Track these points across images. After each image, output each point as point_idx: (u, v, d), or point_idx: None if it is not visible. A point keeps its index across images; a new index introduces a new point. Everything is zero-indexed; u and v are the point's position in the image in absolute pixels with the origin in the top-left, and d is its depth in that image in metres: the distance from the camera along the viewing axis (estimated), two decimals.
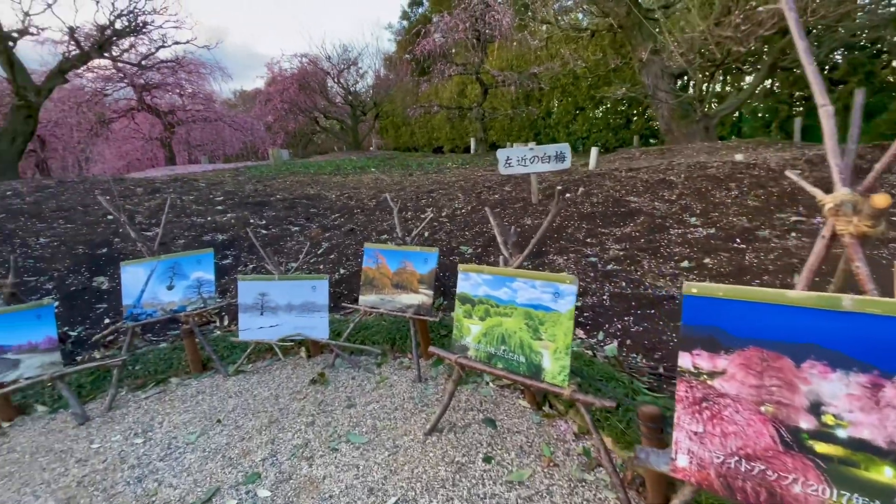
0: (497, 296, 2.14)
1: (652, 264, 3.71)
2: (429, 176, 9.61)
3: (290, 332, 3.40)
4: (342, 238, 5.85)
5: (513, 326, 2.07)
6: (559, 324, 1.91)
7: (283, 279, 3.41)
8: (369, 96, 26.89)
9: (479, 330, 2.21)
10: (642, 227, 4.38)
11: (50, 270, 4.97)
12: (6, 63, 10.54)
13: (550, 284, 1.95)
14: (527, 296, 2.03)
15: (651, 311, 3.11)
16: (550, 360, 1.93)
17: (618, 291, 3.40)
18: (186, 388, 3.37)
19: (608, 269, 3.78)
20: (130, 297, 3.51)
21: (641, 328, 2.96)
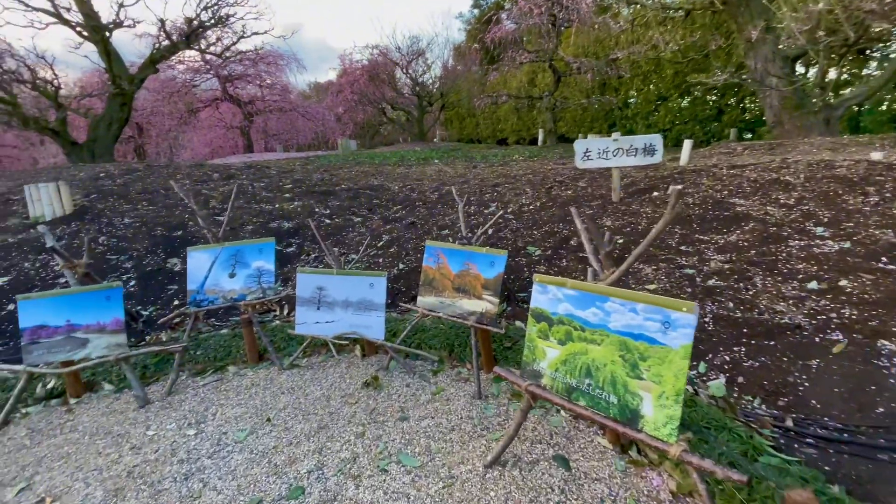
0: (583, 317, 1.77)
1: (768, 282, 3.10)
2: (494, 168, 9.22)
3: (345, 329, 3.24)
4: (403, 231, 5.68)
5: (602, 357, 1.70)
6: (668, 362, 1.51)
7: (340, 274, 3.25)
8: (436, 87, 26.81)
9: (556, 355, 1.85)
10: (752, 235, 3.72)
11: (130, 250, 5.26)
12: (103, 53, 11.66)
13: (658, 310, 1.55)
14: (624, 321, 1.64)
15: (770, 342, 2.55)
16: (653, 407, 1.54)
17: (724, 314, 2.86)
18: (242, 379, 3.34)
19: (709, 284, 3.22)
20: (194, 283, 3.54)
21: (757, 363, 2.43)
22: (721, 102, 15.79)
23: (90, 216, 6.04)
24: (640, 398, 1.58)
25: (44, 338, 3.08)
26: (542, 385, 1.91)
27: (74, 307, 3.11)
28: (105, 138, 12.24)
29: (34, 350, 3.06)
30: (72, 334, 3.10)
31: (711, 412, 2.07)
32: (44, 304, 3.09)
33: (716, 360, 2.52)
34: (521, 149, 14.79)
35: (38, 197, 5.81)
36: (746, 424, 2.02)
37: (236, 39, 17.24)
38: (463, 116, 32.56)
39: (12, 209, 6.55)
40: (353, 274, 3.24)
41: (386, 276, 3.18)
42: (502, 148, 17.50)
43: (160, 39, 13.05)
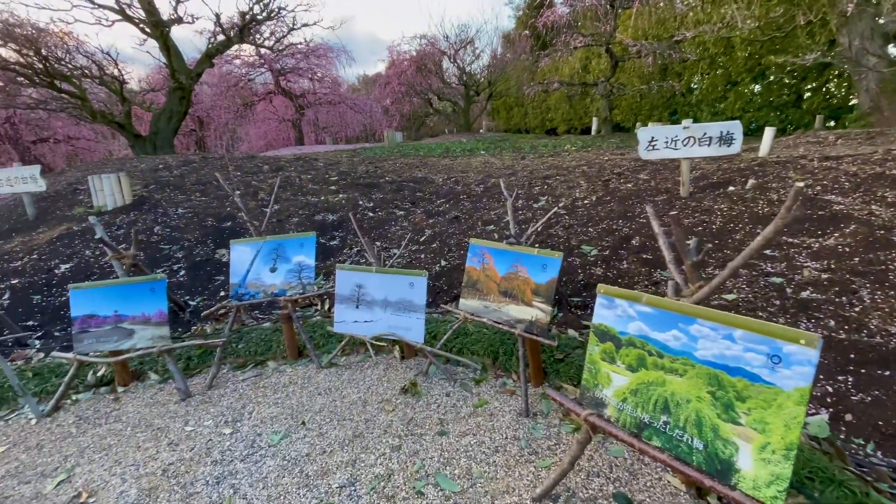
0: (661, 340, 1.48)
1: (878, 297, 2.60)
2: (544, 160, 8.79)
3: (384, 330, 3.08)
4: (446, 226, 5.47)
5: (686, 391, 1.40)
6: (777, 407, 1.20)
7: (380, 272, 3.09)
8: (483, 76, 26.32)
9: (625, 383, 1.57)
10: (855, 239, 3.17)
11: (182, 240, 5.41)
12: (164, 49, 12.28)
13: (765, 340, 1.24)
14: (716, 350, 1.34)
15: (885, 372, 2.11)
16: (753, 461, 1.23)
17: (823, 334, 2.42)
18: (280, 376, 3.28)
19: (803, 297, 2.76)
20: (237, 276, 3.52)
21: (869, 398, 2.01)
22: (801, 87, 14.30)
23: (147, 206, 6.30)
24: (734, 447, 1.28)
25: (93, 327, 3.16)
26: (605, 416, 1.63)
27: (122, 298, 3.16)
28: (166, 131, 12.97)
29: (84, 339, 3.14)
30: (119, 325, 3.16)
31: (814, 458, 1.71)
32: (94, 294, 3.16)
33: (815, 390, 2.11)
34: (572, 138, 14.13)
35: (101, 187, 6.13)
36: (860, 476, 1.64)
37: (286, 31, 17.67)
38: (510, 106, 31.82)
39: (78, 198, 6.99)
40: (393, 272, 3.06)
41: (426, 275, 2.98)
42: (552, 138, 16.84)
43: (215, 34, 13.61)
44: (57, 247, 5.32)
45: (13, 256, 5.17)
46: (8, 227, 6.39)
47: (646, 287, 3.25)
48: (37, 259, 5.08)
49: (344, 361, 3.40)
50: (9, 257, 5.15)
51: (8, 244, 5.64)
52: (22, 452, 2.64)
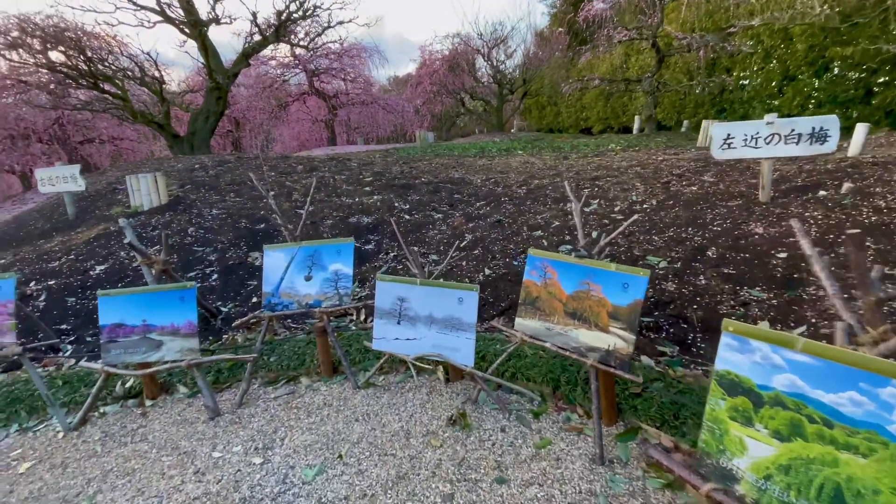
0: (830, 403, 1.09)
1: None
2: (589, 159, 8.31)
3: (428, 350, 2.77)
4: (488, 230, 5.13)
5: (872, 478, 1.01)
6: None
7: (425, 285, 2.78)
8: (517, 74, 25.81)
9: (769, 454, 1.19)
10: None
11: (215, 242, 5.29)
12: (202, 49, 12.49)
13: None
14: None
15: None
16: None
17: None
18: (314, 395, 3.03)
19: None
20: (270, 285, 3.30)
21: None
22: (870, 81, 13.16)
23: (182, 206, 6.25)
24: None
25: (121, 336, 2.99)
26: (736, 494, 1.25)
27: (150, 306, 2.98)
28: (203, 131, 13.21)
29: (112, 349, 2.98)
30: (147, 335, 2.98)
31: None
32: (122, 302, 3.00)
33: None
34: (614, 137, 13.51)
35: (138, 187, 6.12)
36: None
37: (322, 30, 17.75)
38: (543, 105, 31.15)
39: (117, 198, 7.05)
40: (440, 286, 2.75)
41: (477, 290, 2.65)
42: (592, 137, 16.21)
43: (252, 33, 13.78)
44: (94, 247, 5.30)
45: (52, 256, 5.18)
46: (49, 226, 6.49)
47: (733, 308, 2.82)
48: (73, 259, 5.06)
49: (382, 381, 3.12)
50: (47, 257, 5.16)
51: (48, 243, 5.68)
52: (46, 471, 2.48)
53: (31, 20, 11.89)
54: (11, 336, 2.90)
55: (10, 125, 14.33)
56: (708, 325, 2.88)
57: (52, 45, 11.90)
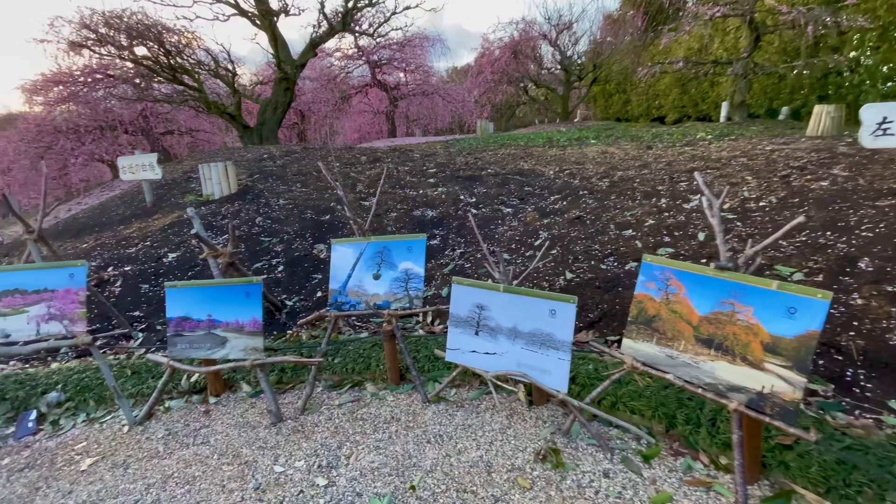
0: None
1: None
2: (678, 150, 7.49)
3: (511, 368, 2.41)
4: (566, 227, 4.66)
5: None
6: None
7: (509, 292, 2.41)
8: (585, 59, 24.50)
9: None
10: None
11: (282, 233, 5.24)
12: (272, 39, 12.84)
13: None
14: None
15: None
16: None
17: None
18: (381, 405, 2.78)
19: None
20: (337, 282, 3.08)
21: None
22: None
23: (251, 196, 6.30)
24: None
25: (187, 331, 2.90)
26: None
27: (216, 301, 2.86)
28: (271, 122, 13.65)
29: (178, 343, 2.90)
30: (212, 330, 2.87)
31: None
32: (188, 295, 2.90)
33: None
34: (698, 125, 12.28)
35: (210, 176, 6.24)
36: None
37: (387, 17, 17.73)
38: (610, 93, 29.48)
39: (191, 186, 7.29)
40: (528, 294, 2.37)
41: (575, 302, 2.24)
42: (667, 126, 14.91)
43: (319, 23, 13.99)
44: (168, 234, 5.43)
45: (129, 242, 5.38)
46: (129, 212, 6.83)
47: None
48: (149, 246, 5.21)
49: (454, 396, 2.81)
50: (125, 243, 5.36)
51: (127, 229, 5.94)
52: (107, 471, 2.40)
53: (118, 16, 12.83)
54: (82, 325, 2.88)
55: (100, 117, 15.63)
56: (873, 358, 2.27)
57: (137, 41, 12.75)
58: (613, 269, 3.68)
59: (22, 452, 2.65)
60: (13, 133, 16.33)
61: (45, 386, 3.19)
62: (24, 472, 2.46)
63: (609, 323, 3.09)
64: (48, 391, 3.15)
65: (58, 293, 2.93)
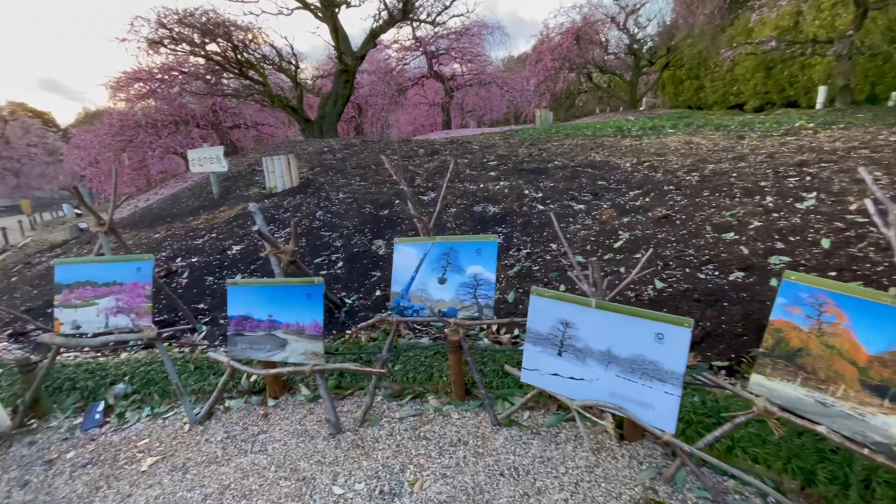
0: None
1: None
2: (778, 140, 6.64)
3: (601, 397, 2.08)
4: (651, 227, 4.18)
5: None
6: None
7: (604, 308, 2.07)
8: (658, 42, 22.92)
9: None
10: None
11: (341, 227, 5.16)
12: (333, 31, 12.99)
13: None
14: None
15: None
16: None
17: None
18: (445, 423, 2.54)
19: None
20: (399, 284, 2.88)
21: None
22: None
23: (312, 189, 6.31)
24: None
25: (247, 330, 2.82)
26: None
27: (276, 301, 2.74)
28: (331, 115, 13.90)
29: (238, 342, 2.83)
30: (272, 331, 2.76)
31: None
32: (249, 293, 2.81)
33: None
34: (792, 112, 10.98)
35: (273, 169, 6.31)
36: None
37: (449, 3, 17.46)
38: (680, 79, 27.51)
39: (255, 179, 7.47)
40: (629, 312, 2.01)
41: (692, 326, 1.86)
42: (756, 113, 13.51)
43: (380, 12, 14.03)
44: (232, 227, 5.53)
45: (197, 233, 5.53)
46: (197, 203, 7.09)
47: None
48: (215, 238, 5.32)
49: (528, 420, 2.51)
50: (193, 234, 5.52)
51: (195, 220, 6.13)
52: (167, 473, 2.35)
53: (191, 14, 13.57)
54: (148, 319, 2.88)
55: (175, 112, 16.73)
56: None
57: (210, 38, 13.41)
58: (714, 278, 3.20)
59: (87, 446, 2.68)
60: (99, 127, 17.86)
61: (114, 377, 3.26)
62: (87, 468, 2.47)
63: (714, 345, 2.65)
64: (116, 382, 3.21)
65: (125, 286, 2.95)
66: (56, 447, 2.71)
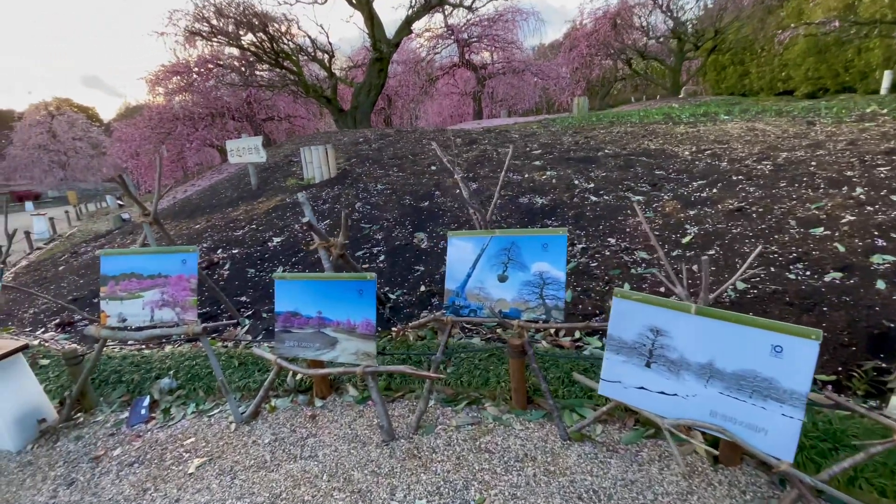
0: None
1: None
2: (856, 126, 6.06)
3: (699, 416, 1.82)
4: (723, 221, 3.83)
5: None
6: None
7: (706, 315, 1.81)
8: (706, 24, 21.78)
9: None
10: None
11: (381, 219, 5.00)
12: (367, 18, 12.85)
13: None
14: None
15: None
16: None
17: None
18: (507, 435, 2.34)
19: None
20: (454, 281, 2.68)
21: None
22: None
23: (349, 180, 6.18)
24: None
25: (295, 327, 2.68)
26: None
27: (326, 297, 2.59)
28: (365, 105, 13.82)
29: (286, 339, 2.70)
30: (322, 329, 2.61)
31: None
32: (298, 288, 2.67)
33: None
34: (858, 99, 10.13)
35: (311, 159, 6.21)
36: None
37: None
38: (723, 65, 26.15)
39: (291, 170, 7.41)
40: (738, 320, 1.74)
41: (820, 338, 1.57)
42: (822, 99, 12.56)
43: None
44: (272, 218, 5.46)
45: (237, 225, 5.49)
46: (236, 194, 7.09)
47: None
48: (255, 229, 5.26)
49: (601, 435, 2.27)
50: (233, 225, 5.48)
51: (234, 211, 6.11)
52: (214, 477, 2.24)
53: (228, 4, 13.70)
54: (193, 313, 2.79)
55: (211, 104, 17.04)
56: None
57: (245, 29, 13.52)
58: (806, 279, 2.86)
59: (133, 443, 2.62)
60: (139, 120, 18.40)
61: (159, 371, 3.20)
62: (134, 467, 2.39)
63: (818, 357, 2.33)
64: (161, 376, 3.15)
65: (171, 279, 2.87)
66: (102, 443, 2.66)
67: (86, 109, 45.44)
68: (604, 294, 3.36)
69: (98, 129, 40.83)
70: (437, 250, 4.39)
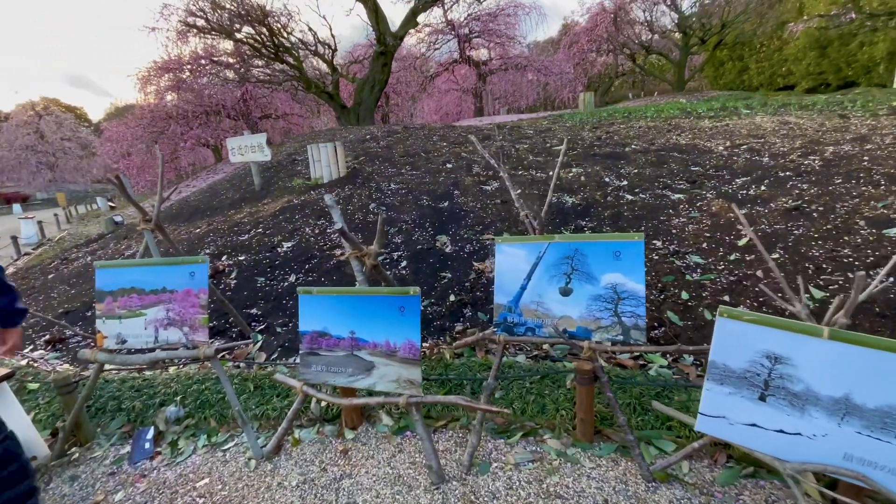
0: None
1: None
2: (885, 120, 5.81)
3: (830, 460, 1.53)
4: (779, 221, 3.54)
5: None
6: None
7: (841, 339, 1.50)
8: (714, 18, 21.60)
9: None
10: None
11: (399, 221, 4.69)
12: (371, 11, 12.52)
13: None
14: None
15: None
16: None
17: None
18: (578, 475, 2.04)
19: None
20: (505, 294, 2.36)
21: None
22: None
23: (361, 179, 5.86)
24: None
25: (324, 349, 2.36)
26: None
27: (360, 314, 2.27)
28: (368, 101, 13.49)
29: (312, 363, 2.37)
30: (355, 352, 2.29)
31: None
32: (326, 304, 2.34)
33: None
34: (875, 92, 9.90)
35: (319, 158, 5.88)
36: None
37: None
38: (721, 61, 26.15)
39: (297, 169, 7.08)
40: (883, 347, 1.44)
41: None
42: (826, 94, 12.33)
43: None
44: (279, 221, 5.13)
45: (241, 228, 5.15)
46: (238, 196, 6.75)
47: None
48: (262, 233, 4.93)
49: (689, 475, 1.97)
50: (237, 229, 5.15)
51: (237, 214, 5.77)
52: None
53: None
54: (204, 333, 2.46)
55: (205, 102, 16.63)
56: None
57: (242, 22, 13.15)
58: (893, 286, 2.57)
59: (137, 484, 2.29)
60: (130, 119, 17.97)
61: (164, 396, 2.87)
62: None
63: None
64: (166, 403, 2.82)
65: (177, 294, 2.54)
66: (102, 485, 2.33)
67: (74, 109, 44.83)
68: (660, 304, 3.06)
69: (87, 130, 40.25)
70: (463, 255, 4.08)
